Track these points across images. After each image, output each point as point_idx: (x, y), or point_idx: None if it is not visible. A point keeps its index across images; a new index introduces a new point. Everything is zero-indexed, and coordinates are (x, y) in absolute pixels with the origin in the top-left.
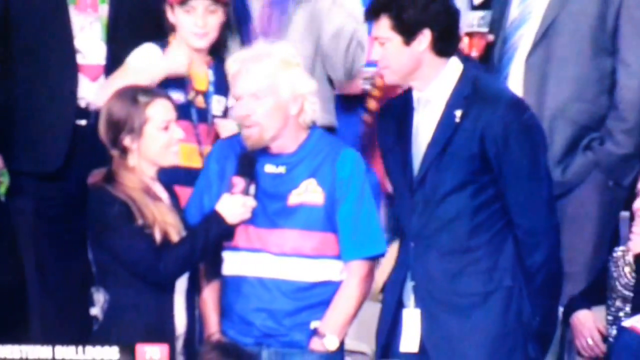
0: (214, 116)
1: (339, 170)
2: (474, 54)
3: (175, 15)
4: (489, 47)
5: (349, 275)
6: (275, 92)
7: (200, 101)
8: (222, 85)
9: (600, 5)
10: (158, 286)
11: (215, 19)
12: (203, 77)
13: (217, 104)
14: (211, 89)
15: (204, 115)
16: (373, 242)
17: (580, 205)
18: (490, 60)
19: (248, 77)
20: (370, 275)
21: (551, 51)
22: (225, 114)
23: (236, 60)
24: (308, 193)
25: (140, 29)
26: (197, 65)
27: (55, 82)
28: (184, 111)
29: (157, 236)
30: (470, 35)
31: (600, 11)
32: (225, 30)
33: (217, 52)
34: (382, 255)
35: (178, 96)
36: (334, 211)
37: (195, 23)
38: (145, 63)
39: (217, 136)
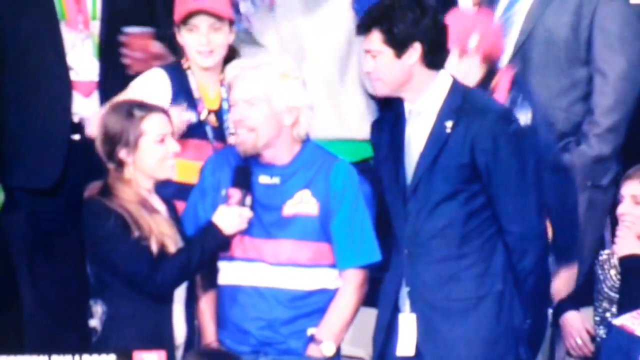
0: (231, 133)
1: (333, 182)
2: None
3: (181, 35)
4: None
5: (344, 283)
6: (270, 101)
7: (212, 120)
8: None
9: (573, 18)
10: (156, 297)
11: (220, 37)
12: (214, 96)
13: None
14: (225, 106)
15: (218, 133)
16: (367, 250)
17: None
18: None
19: (244, 83)
20: (365, 282)
21: (528, 61)
22: None
23: (235, 67)
24: (303, 204)
25: None
26: (207, 85)
27: (48, 99)
28: (198, 131)
29: (154, 247)
30: None
31: (573, 23)
32: (235, 49)
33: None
34: (377, 263)
35: (190, 116)
36: (329, 221)
37: (199, 42)
38: (149, 88)
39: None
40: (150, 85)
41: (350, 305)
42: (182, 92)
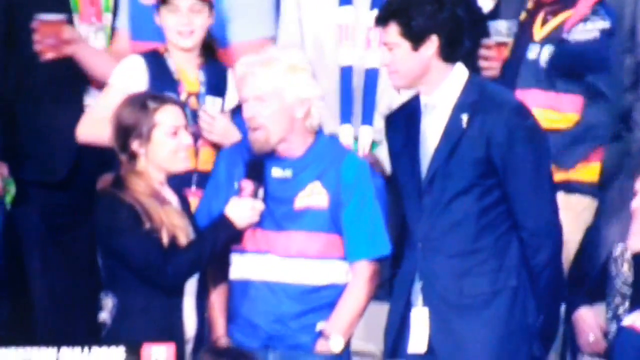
0: (211, 117)
1: (344, 174)
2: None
3: (161, 16)
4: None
5: (354, 277)
6: (280, 96)
7: (193, 102)
8: (215, 86)
9: (617, 6)
10: (167, 289)
11: (200, 19)
12: (193, 79)
13: (211, 104)
14: (202, 89)
15: (197, 116)
16: (377, 243)
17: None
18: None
19: (254, 80)
20: (375, 276)
21: None
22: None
23: (243, 63)
24: (314, 196)
25: None
26: (186, 67)
27: (61, 92)
28: None
29: (165, 239)
30: (500, 45)
31: (618, 12)
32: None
33: (207, 54)
34: (387, 256)
35: None
36: (339, 214)
37: (180, 22)
38: (126, 76)
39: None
40: (127, 73)
41: (359, 299)
42: (161, 76)
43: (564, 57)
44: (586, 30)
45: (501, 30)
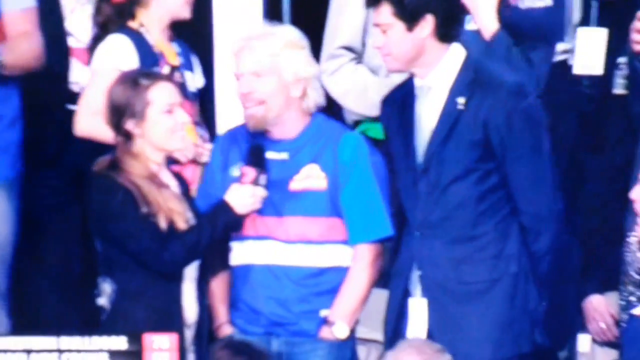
0: (192, 93)
1: (340, 154)
2: None
3: None
4: None
5: (355, 260)
6: (277, 72)
7: (177, 76)
8: (187, 62)
9: None
10: (165, 275)
11: None
12: (171, 52)
13: (191, 79)
14: (182, 60)
15: (182, 90)
16: (378, 224)
17: None
18: None
19: (251, 55)
20: (377, 259)
21: None
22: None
23: (241, 38)
24: (311, 179)
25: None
26: (162, 41)
27: (45, 66)
28: None
29: (162, 223)
30: None
31: None
32: None
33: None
34: (389, 237)
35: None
36: (338, 195)
37: None
38: (117, 54)
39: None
40: (115, 53)
41: (362, 284)
42: (144, 51)
43: (512, 25)
44: None
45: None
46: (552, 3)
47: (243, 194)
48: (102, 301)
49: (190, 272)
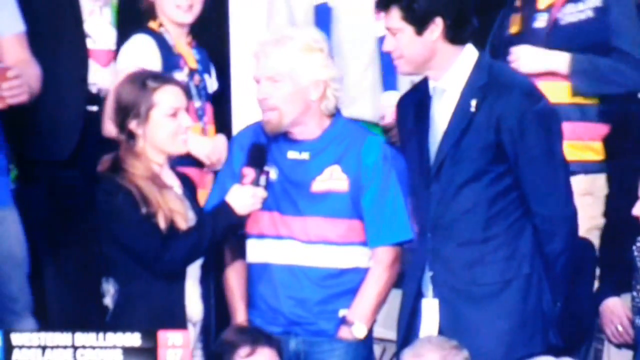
0: (209, 95)
1: (364, 157)
2: None
3: None
4: None
5: (375, 262)
6: (294, 77)
7: (197, 79)
8: (207, 66)
9: None
10: (167, 275)
11: None
12: (191, 55)
13: (209, 82)
14: (200, 67)
15: (201, 92)
16: (398, 228)
17: None
18: None
19: (267, 60)
20: (396, 261)
21: None
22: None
23: (259, 42)
24: (333, 180)
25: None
26: (181, 43)
27: (65, 68)
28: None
29: (162, 224)
30: None
31: None
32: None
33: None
34: (408, 241)
35: (181, 77)
36: (359, 198)
37: None
38: (141, 54)
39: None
40: (142, 50)
41: (380, 285)
42: (165, 52)
43: (557, 41)
44: (578, 10)
45: None
46: (593, 14)
47: (243, 195)
48: (107, 301)
49: (193, 271)
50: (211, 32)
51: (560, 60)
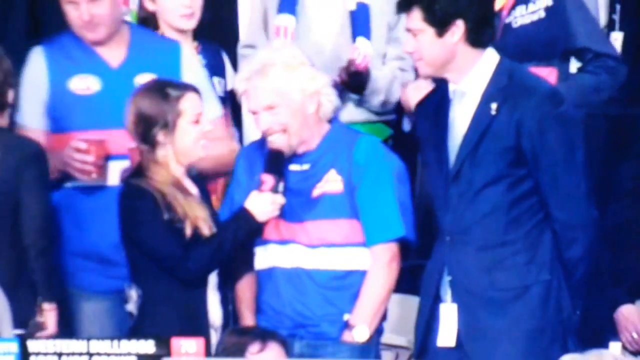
0: (221, 97)
1: (355, 157)
2: None
3: (156, 1)
4: None
5: (372, 262)
6: (288, 99)
7: None
8: (215, 67)
9: None
10: (187, 282)
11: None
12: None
13: (218, 85)
14: (207, 72)
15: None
16: (392, 225)
17: None
18: None
19: (257, 94)
20: (394, 260)
21: None
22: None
23: (242, 79)
24: (329, 182)
25: None
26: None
27: None
28: None
29: (188, 230)
30: None
31: None
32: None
33: (199, 37)
34: (403, 237)
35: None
36: (354, 197)
37: (181, 3)
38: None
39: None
40: None
41: (379, 285)
42: None
43: (512, 46)
44: (529, 12)
45: None
46: (545, 14)
47: (263, 202)
48: (130, 307)
49: (211, 278)
50: (221, 32)
51: None
